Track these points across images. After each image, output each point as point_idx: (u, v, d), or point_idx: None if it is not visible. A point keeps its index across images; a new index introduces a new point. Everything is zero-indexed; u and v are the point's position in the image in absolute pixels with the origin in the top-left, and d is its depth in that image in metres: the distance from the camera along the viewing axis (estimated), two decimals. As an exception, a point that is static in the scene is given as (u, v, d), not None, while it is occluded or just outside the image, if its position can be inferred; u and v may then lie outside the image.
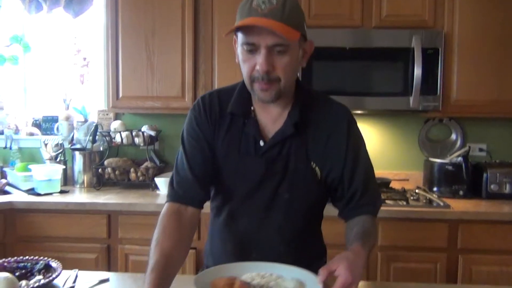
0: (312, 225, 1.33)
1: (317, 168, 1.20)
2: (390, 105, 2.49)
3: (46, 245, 2.39)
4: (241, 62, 1.16)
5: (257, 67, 1.11)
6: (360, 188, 1.23)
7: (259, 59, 1.10)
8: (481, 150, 2.83)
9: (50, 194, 2.54)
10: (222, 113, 1.24)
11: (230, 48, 1.28)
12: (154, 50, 2.65)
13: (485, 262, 2.25)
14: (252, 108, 1.24)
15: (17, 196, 2.51)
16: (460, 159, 2.54)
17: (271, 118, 1.23)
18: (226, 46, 2.54)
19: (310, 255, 1.31)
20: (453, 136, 2.87)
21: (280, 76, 1.13)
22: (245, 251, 1.25)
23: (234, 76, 2.08)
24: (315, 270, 1.25)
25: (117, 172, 2.76)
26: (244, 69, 1.16)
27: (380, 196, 1.33)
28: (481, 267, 2.25)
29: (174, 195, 1.24)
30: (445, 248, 2.27)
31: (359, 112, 2.69)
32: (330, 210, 1.32)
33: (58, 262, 1.32)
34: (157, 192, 2.65)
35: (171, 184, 1.27)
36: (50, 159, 2.85)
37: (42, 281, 1.18)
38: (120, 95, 2.69)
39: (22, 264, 1.30)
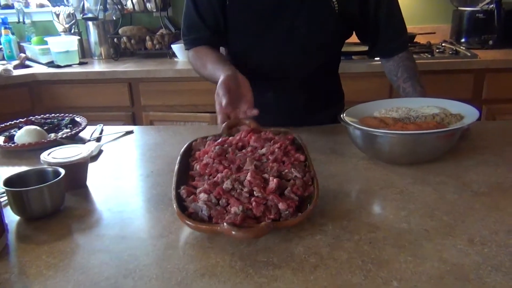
0: (329, 65, 1.30)
1: (335, 0, 1.13)
2: None
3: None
4: None
5: None
6: (384, 18, 1.19)
7: None
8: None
9: (70, 65, 2.55)
10: None
11: None
12: None
13: (509, 111, 2.22)
14: None
15: (38, 69, 2.53)
16: (492, 5, 2.36)
17: None
18: None
19: (327, 96, 1.30)
20: (487, -19, 2.63)
21: None
22: (262, 90, 1.24)
23: None
24: (333, 112, 1.26)
25: (133, 41, 2.71)
26: None
27: (406, 29, 1.26)
28: (505, 116, 2.23)
29: (188, 42, 1.23)
30: (469, 99, 2.23)
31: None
32: (347, 67, 1.28)
33: (83, 117, 1.36)
34: (175, 59, 2.62)
35: (183, 33, 1.25)
36: (64, 31, 2.80)
37: (70, 133, 1.22)
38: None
39: (49, 120, 1.34)
